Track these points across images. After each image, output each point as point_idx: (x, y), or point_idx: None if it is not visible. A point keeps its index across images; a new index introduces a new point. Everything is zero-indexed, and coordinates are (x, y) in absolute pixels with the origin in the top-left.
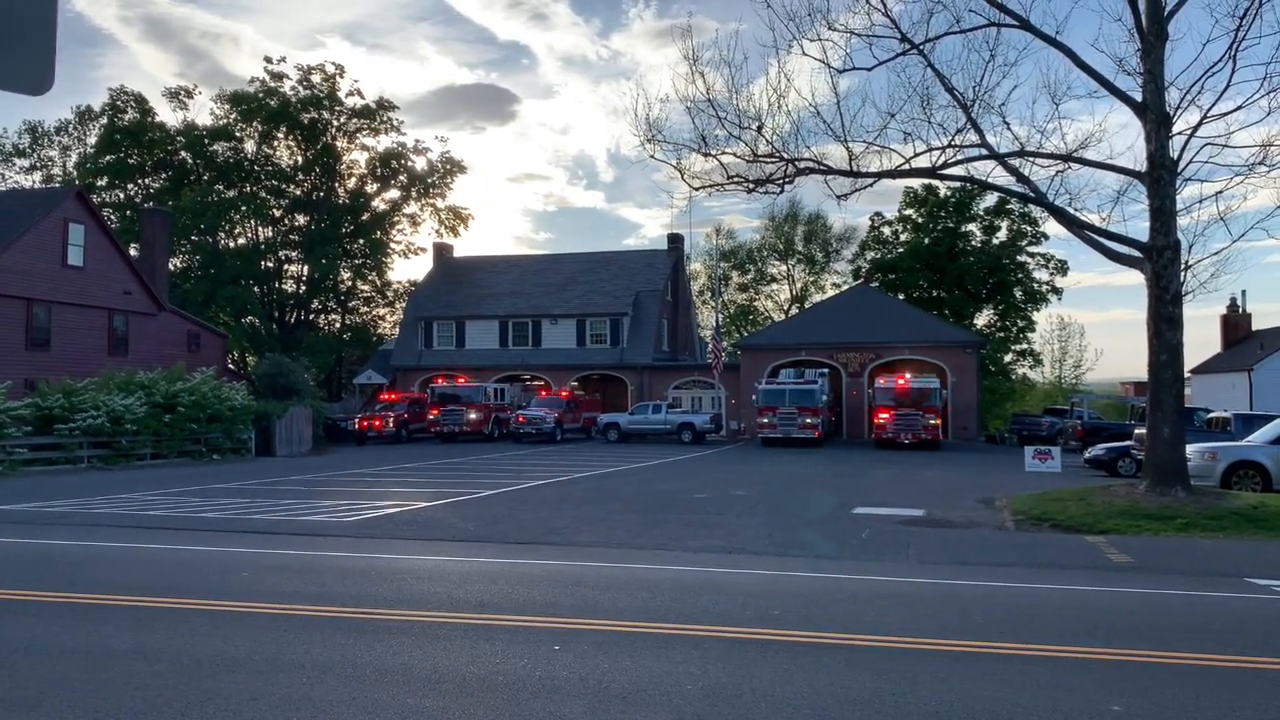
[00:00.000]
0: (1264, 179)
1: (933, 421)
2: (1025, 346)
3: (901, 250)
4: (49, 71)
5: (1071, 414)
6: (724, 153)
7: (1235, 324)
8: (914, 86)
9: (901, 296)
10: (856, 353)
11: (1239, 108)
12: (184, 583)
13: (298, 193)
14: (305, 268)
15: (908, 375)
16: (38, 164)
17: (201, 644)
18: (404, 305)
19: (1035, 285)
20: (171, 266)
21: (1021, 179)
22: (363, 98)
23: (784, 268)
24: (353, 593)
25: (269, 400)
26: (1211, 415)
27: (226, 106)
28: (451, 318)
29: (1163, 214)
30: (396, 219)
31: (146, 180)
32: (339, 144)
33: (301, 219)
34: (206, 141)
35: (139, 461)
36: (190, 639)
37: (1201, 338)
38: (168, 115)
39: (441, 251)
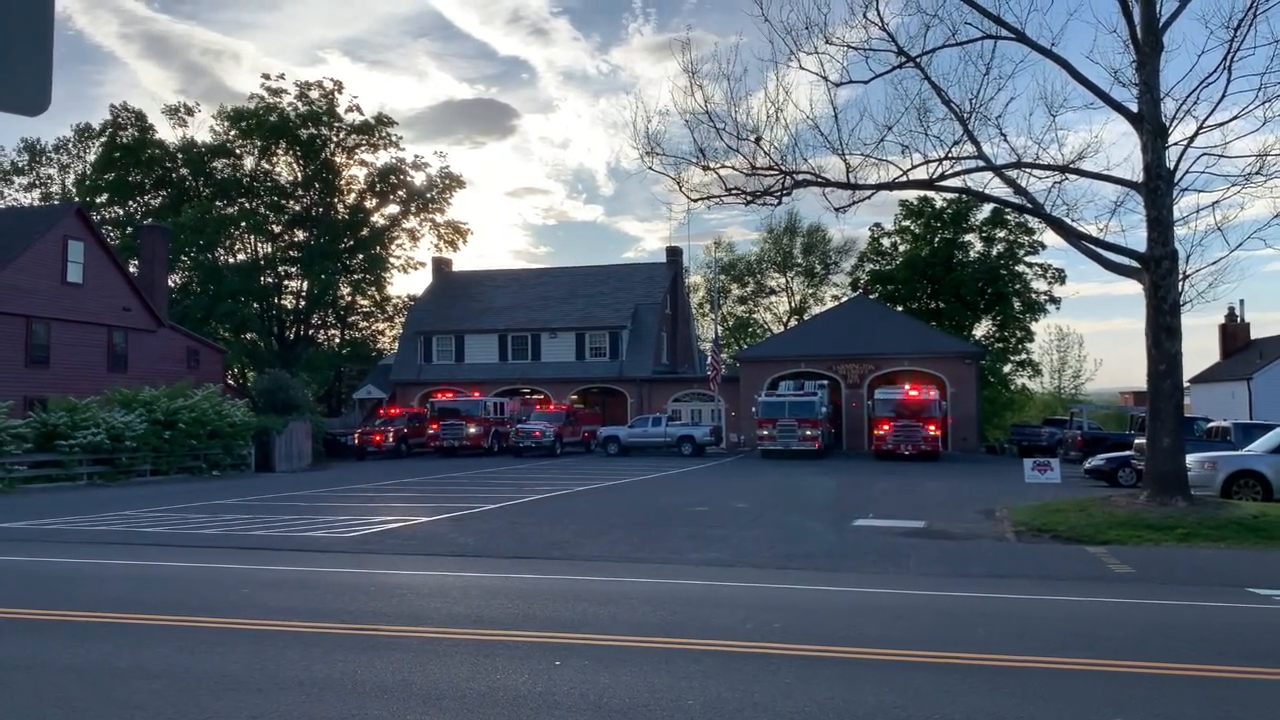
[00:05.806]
0: (1261, 188)
1: (932, 432)
2: (1024, 357)
3: (900, 261)
4: (46, 92)
5: (1071, 424)
6: (723, 165)
7: (1234, 333)
8: (911, 99)
9: (900, 308)
10: (856, 364)
11: (1235, 118)
12: (183, 600)
13: (297, 208)
14: (304, 283)
15: (907, 386)
16: (36, 182)
17: (200, 661)
18: (403, 320)
19: (1033, 295)
20: (171, 283)
21: (1019, 190)
22: (361, 113)
23: (783, 280)
24: (352, 609)
25: (269, 416)
26: (1211, 425)
27: (226, 123)
28: (451, 332)
29: (1160, 224)
30: (395, 234)
31: (146, 197)
32: (338, 160)
33: (300, 235)
34: (206, 158)
35: (139, 478)
36: (189, 656)
37: (1200, 347)
38: (167, 133)
39: (440, 266)
